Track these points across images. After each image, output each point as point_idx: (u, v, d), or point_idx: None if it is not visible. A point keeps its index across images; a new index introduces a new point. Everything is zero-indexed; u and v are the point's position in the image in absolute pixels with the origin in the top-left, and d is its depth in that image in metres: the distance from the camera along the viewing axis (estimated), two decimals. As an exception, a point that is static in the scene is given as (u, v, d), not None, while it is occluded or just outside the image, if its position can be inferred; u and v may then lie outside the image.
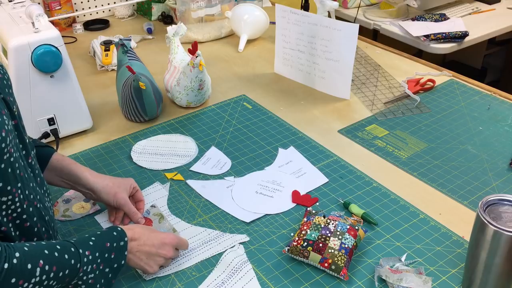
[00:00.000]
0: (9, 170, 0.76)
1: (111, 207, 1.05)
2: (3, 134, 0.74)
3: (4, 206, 0.78)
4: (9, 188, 0.77)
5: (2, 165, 0.75)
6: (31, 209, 0.83)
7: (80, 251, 0.80)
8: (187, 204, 1.10)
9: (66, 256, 0.78)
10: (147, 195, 1.12)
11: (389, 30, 2.17)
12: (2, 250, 0.70)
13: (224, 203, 1.09)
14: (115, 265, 0.85)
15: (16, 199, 0.79)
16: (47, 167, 1.00)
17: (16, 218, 0.80)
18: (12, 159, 0.77)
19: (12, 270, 0.70)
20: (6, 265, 0.70)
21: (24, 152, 0.85)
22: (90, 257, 0.81)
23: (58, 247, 0.77)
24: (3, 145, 0.74)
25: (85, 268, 0.80)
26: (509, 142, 1.26)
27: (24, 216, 0.81)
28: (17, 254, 0.72)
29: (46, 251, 0.76)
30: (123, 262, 0.86)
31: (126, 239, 0.87)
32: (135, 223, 1.02)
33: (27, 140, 0.86)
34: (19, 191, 0.79)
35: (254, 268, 0.93)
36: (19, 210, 0.80)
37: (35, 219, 0.84)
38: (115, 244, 0.85)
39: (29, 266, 0.72)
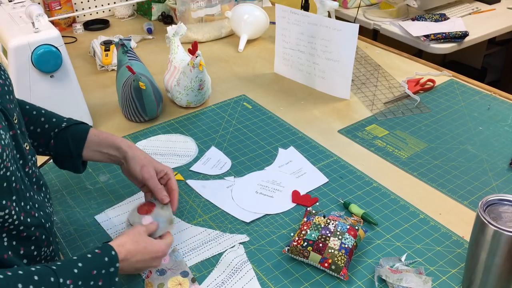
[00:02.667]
0: (5, 184, 0.75)
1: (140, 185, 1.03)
2: None
3: (0, 220, 0.76)
4: (4, 202, 0.75)
5: None
6: (28, 219, 0.81)
7: (61, 280, 0.73)
8: (187, 204, 1.10)
9: None
10: (147, 195, 1.12)
11: (389, 30, 2.17)
12: None
13: (224, 203, 1.09)
14: None
15: (13, 212, 0.77)
16: (86, 144, 1.01)
17: (12, 230, 0.78)
18: (8, 173, 0.75)
19: None
20: None
21: (21, 161, 0.83)
22: (72, 286, 0.74)
23: (36, 277, 0.71)
24: None
25: None
26: (509, 142, 1.26)
27: (21, 228, 0.79)
28: None
29: (20, 285, 0.69)
30: None
31: (117, 265, 0.81)
32: (159, 200, 0.98)
33: (26, 148, 0.84)
34: (14, 204, 0.77)
35: (254, 268, 0.93)
36: (16, 222, 0.78)
37: (32, 228, 0.82)
38: (103, 271, 0.79)
39: None
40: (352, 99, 1.48)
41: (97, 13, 2.04)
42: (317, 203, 1.09)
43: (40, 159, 1.10)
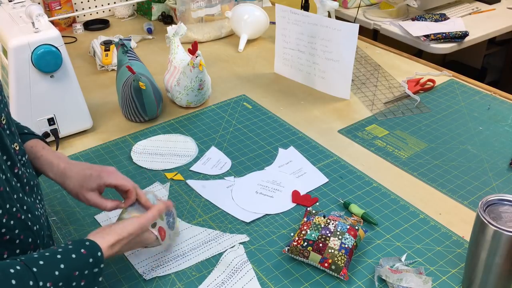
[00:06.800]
0: None
1: None
2: None
3: None
4: None
5: None
6: (12, 222, 0.78)
7: (40, 283, 0.70)
8: (187, 204, 1.10)
9: None
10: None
11: (389, 30, 2.17)
12: None
13: (224, 203, 1.09)
14: None
15: None
16: None
17: None
18: None
19: None
20: None
21: (9, 163, 0.80)
22: None
23: (13, 282, 0.68)
24: None
25: None
26: (509, 142, 1.26)
27: (3, 230, 0.77)
28: None
29: None
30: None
31: (102, 266, 0.79)
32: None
33: (13, 149, 0.82)
34: None
35: (254, 268, 0.93)
36: None
37: (16, 231, 0.79)
38: (86, 272, 0.76)
39: None
40: (352, 99, 1.48)
41: (97, 13, 2.04)
42: (317, 203, 1.09)
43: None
